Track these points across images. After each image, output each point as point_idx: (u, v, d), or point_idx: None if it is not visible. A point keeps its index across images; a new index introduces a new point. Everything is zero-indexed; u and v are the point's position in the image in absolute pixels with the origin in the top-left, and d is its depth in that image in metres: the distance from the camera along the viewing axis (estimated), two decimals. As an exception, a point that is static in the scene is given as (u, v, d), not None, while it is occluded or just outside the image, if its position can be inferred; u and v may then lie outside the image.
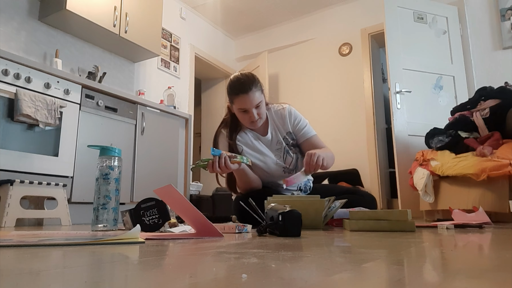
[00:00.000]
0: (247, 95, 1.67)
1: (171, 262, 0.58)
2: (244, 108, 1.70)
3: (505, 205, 2.03)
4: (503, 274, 0.44)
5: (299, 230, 1.06)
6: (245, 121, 1.77)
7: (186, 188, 3.58)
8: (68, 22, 3.06)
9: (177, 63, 4.46)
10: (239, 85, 1.69)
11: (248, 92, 1.67)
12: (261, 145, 1.85)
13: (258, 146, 1.84)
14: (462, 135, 2.49)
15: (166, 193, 1.13)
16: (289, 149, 1.87)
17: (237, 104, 1.71)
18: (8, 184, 2.01)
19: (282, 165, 1.85)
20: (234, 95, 1.70)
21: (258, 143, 1.85)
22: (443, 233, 1.19)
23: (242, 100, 1.68)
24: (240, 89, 1.68)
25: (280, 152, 1.86)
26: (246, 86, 1.67)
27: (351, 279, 0.42)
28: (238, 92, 1.68)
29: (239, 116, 1.77)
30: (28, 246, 0.77)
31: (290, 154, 1.86)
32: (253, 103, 1.69)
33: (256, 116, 1.72)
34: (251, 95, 1.67)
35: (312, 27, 4.80)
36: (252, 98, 1.68)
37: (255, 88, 1.69)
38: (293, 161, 1.87)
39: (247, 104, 1.69)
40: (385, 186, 4.12)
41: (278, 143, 1.86)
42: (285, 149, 1.86)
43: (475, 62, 3.61)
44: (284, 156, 1.86)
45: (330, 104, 4.46)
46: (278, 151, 1.86)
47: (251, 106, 1.69)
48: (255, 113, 1.71)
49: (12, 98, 2.26)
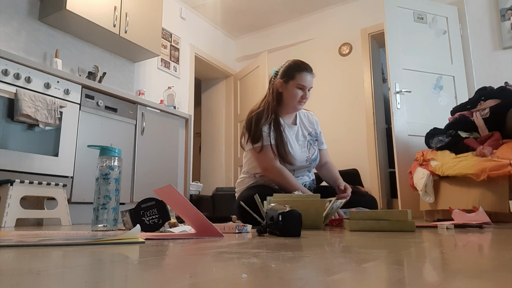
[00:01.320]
0: (310, 74, 1.91)
1: (171, 262, 0.58)
2: (303, 85, 1.89)
3: (505, 205, 2.03)
4: (503, 274, 0.44)
5: (299, 230, 1.06)
6: (296, 98, 1.90)
7: (186, 188, 3.58)
8: (68, 22, 3.06)
9: (177, 63, 4.46)
10: (305, 65, 1.92)
11: (311, 72, 1.92)
12: (290, 134, 1.97)
13: (288, 135, 1.95)
14: (462, 135, 2.49)
15: (166, 193, 1.13)
16: (312, 143, 2.04)
17: (299, 79, 1.89)
18: (8, 184, 2.01)
19: (305, 155, 1.97)
20: (298, 71, 1.89)
21: (287, 130, 1.96)
22: (443, 233, 1.19)
23: (305, 77, 1.89)
24: (306, 68, 1.91)
25: (305, 143, 2.02)
26: (310, 68, 1.93)
27: (351, 279, 0.42)
28: (303, 69, 1.89)
29: (292, 93, 1.90)
30: (28, 246, 0.77)
31: (314, 147, 2.03)
32: (311, 83, 1.92)
33: (306, 98, 1.91)
34: (311, 76, 1.93)
35: (312, 27, 4.80)
36: (311, 80, 1.92)
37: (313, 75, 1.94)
38: (315, 153, 2.02)
39: (307, 81, 1.90)
40: (385, 186, 4.12)
41: (302, 136, 2.03)
42: (309, 142, 2.03)
43: (475, 62, 3.61)
44: (308, 146, 2.02)
45: (330, 104, 4.46)
46: (303, 142, 2.02)
47: (309, 85, 1.91)
48: (307, 94, 1.92)
49: (12, 98, 2.26)
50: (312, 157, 1.99)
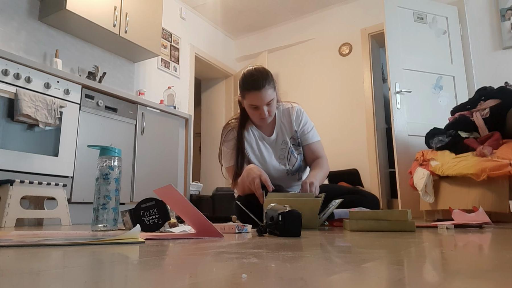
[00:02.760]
0: (259, 92, 1.64)
1: (171, 262, 0.58)
2: (255, 105, 1.68)
3: (505, 205, 2.03)
4: (503, 274, 0.44)
5: (299, 230, 1.06)
6: (254, 117, 1.75)
7: (186, 188, 3.58)
8: (68, 22, 3.06)
9: (177, 63, 4.46)
10: (252, 81, 1.65)
11: (261, 89, 1.64)
12: (265, 146, 1.83)
13: (262, 148, 1.83)
14: (462, 135, 2.49)
15: (166, 193, 1.13)
16: (294, 150, 1.85)
17: (249, 100, 1.69)
18: (8, 184, 2.00)
19: (284, 168, 1.84)
20: (246, 91, 1.68)
21: (263, 143, 1.84)
22: (443, 233, 1.19)
23: (253, 96, 1.66)
24: (253, 85, 1.64)
25: (285, 153, 1.84)
26: (259, 82, 1.64)
27: (351, 279, 0.42)
28: (250, 88, 1.65)
29: (249, 111, 1.75)
30: (28, 246, 0.77)
31: (295, 155, 1.85)
32: (265, 100, 1.66)
33: (266, 113, 1.69)
34: (264, 92, 1.64)
35: (312, 27, 4.80)
36: (264, 96, 1.65)
37: (268, 85, 1.66)
38: (297, 162, 1.86)
39: (258, 101, 1.66)
40: (385, 186, 4.12)
41: (283, 143, 1.85)
42: (290, 149, 1.84)
43: (475, 62, 3.61)
44: (288, 156, 1.85)
45: (330, 104, 4.46)
46: (282, 151, 1.85)
47: (262, 103, 1.66)
48: (266, 110, 1.68)
49: (12, 98, 2.26)
50: (293, 168, 1.85)
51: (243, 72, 1.73)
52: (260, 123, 1.79)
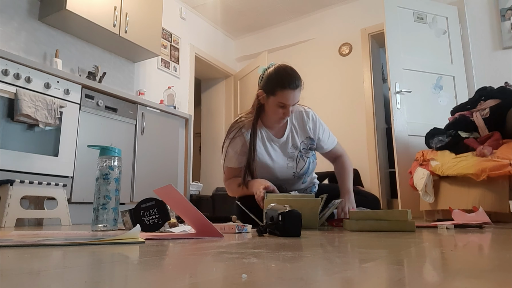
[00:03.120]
0: (293, 91, 1.59)
1: (171, 262, 0.58)
2: (285, 104, 1.61)
3: (505, 205, 2.03)
4: (503, 274, 0.44)
5: (299, 230, 1.06)
6: (276, 116, 1.66)
7: (186, 188, 3.58)
8: (68, 22, 3.06)
9: (177, 63, 4.46)
10: (290, 78, 1.59)
11: (295, 89, 1.59)
12: (273, 148, 1.77)
13: (270, 149, 1.77)
14: (462, 135, 2.49)
15: (166, 193, 1.13)
16: (303, 154, 1.81)
17: (280, 97, 1.60)
18: (8, 184, 2.01)
19: (291, 171, 1.80)
20: (279, 88, 1.59)
21: (271, 145, 1.77)
22: (443, 233, 1.19)
23: (287, 94, 1.58)
24: (290, 83, 1.58)
25: (294, 155, 1.79)
26: (296, 81, 1.60)
27: (351, 279, 0.42)
28: (286, 86, 1.58)
29: (273, 109, 1.65)
30: (28, 246, 0.77)
31: (304, 159, 1.81)
32: (295, 99, 1.62)
33: (289, 113, 1.64)
34: (297, 92, 1.61)
35: (312, 27, 4.80)
36: (296, 96, 1.61)
37: (300, 86, 1.63)
38: (305, 165, 1.82)
39: (289, 100, 1.59)
40: (385, 186, 4.12)
41: (293, 146, 1.79)
42: (300, 154, 1.80)
43: (475, 62, 3.61)
44: (297, 160, 1.80)
45: (330, 104, 4.46)
46: (292, 153, 1.79)
47: (293, 102, 1.61)
48: (290, 109, 1.63)
49: (12, 98, 2.26)
50: (301, 171, 1.81)
51: (276, 67, 1.66)
52: (278, 123, 1.72)
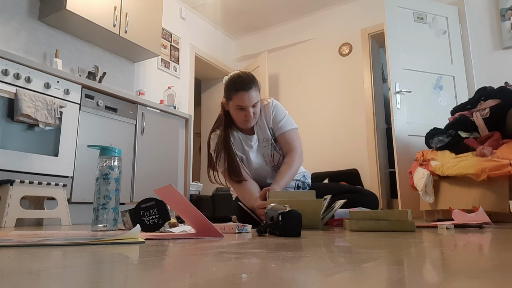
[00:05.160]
0: (246, 93, 1.67)
1: (171, 262, 0.58)
2: (242, 106, 1.70)
3: (505, 205, 2.03)
4: (503, 274, 0.44)
5: (299, 230, 1.06)
6: (239, 119, 1.75)
7: (186, 188, 3.58)
8: (68, 22, 3.06)
9: (177, 63, 4.46)
10: (240, 82, 1.69)
11: (248, 90, 1.67)
12: (249, 147, 1.84)
13: (247, 150, 1.84)
14: (462, 135, 2.49)
15: (166, 193, 1.13)
16: (276, 145, 1.85)
17: (236, 100, 1.70)
18: (8, 184, 2.01)
19: (270, 165, 1.86)
20: (233, 92, 1.70)
21: (247, 145, 1.84)
22: (443, 233, 1.19)
23: (241, 97, 1.68)
24: (241, 86, 1.68)
25: (268, 150, 1.85)
26: (247, 83, 1.68)
27: (351, 279, 0.42)
28: (238, 89, 1.68)
29: (234, 113, 1.75)
30: (28, 246, 0.77)
31: (277, 151, 1.85)
32: (252, 101, 1.69)
33: (251, 115, 1.71)
34: (251, 93, 1.68)
35: (312, 27, 4.80)
36: (251, 96, 1.68)
37: (255, 87, 1.70)
38: (280, 157, 1.86)
39: (245, 101, 1.68)
40: (385, 186, 4.12)
41: (265, 140, 1.85)
42: (272, 145, 1.85)
43: (475, 62, 3.61)
44: (272, 153, 1.85)
45: (330, 104, 4.46)
46: (265, 148, 1.85)
47: (249, 104, 1.69)
48: (251, 111, 1.71)
49: (12, 98, 2.26)
50: (278, 163, 1.85)
51: (230, 75, 1.77)
52: (244, 126, 1.79)
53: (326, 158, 4.23)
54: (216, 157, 1.81)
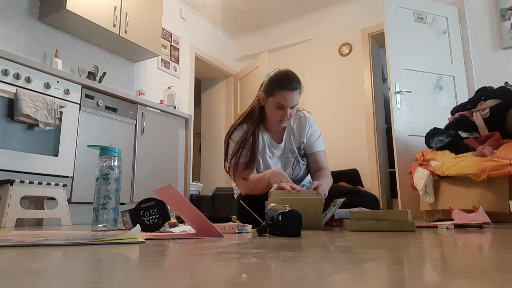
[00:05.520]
0: (291, 93, 1.64)
1: (171, 262, 0.58)
2: (283, 104, 1.66)
3: (505, 205, 2.03)
4: (503, 274, 0.44)
5: (299, 230, 1.06)
6: (275, 117, 1.71)
7: (186, 188, 3.58)
8: (68, 22, 3.06)
9: (177, 63, 4.46)
10: (288, 80, 1.65)
11: (294, 91, 1.65)
12: (271, 152, 1.80)
13: (268, 153, 1.80)
14: (462, 135, 2.49)
15: (166, 193, 1.13)
16: (300, 160, 1.83)
17: (278, 97, 1.66)
18: (8, 184, 2.00)
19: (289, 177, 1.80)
20: (278, 88, 1.65)
21: (270, 150, 1.80)
22: (443, 233, 1.19)
23: (285, 95, 1.64)
24: (288, 84, 1.64)
25: (290, 161, 1.82)
26: (294, 83, 1.65)
27: (351, 279, 0.42)
28: (284, 87, 1.64)
29: (271, 110, 1.70)
30: (28, 246, 0.77)
31: (300, 165, 1.83)
32: (294, 101, 1.67)
33: (288, 116, 1.68)
34: (295, 94, 1.66)
35: (312, 27, 4.80)
36: (295, 98, 1.66)
37: (299, 89, 1.68)
38: (300, 173, 1.84)
39: (287, 101, 1.65)
40: (385, 186, 4.12)
41: (290, 151, 1.82)
42: (297, 159, 1.82)
43: (475, 62, 3.61)
44: (293, 166, 1.83)
45: (330, 104, 4.46)
46: (289, 159, 1.81)
47: (291, 104, 1.66)
48: (289, 112, 1.68)
49: (12, 98, 2.26)
50: (296, 178, 1.84)
51: (276, 71, 1.72)
52: (277, 125, 1.75)
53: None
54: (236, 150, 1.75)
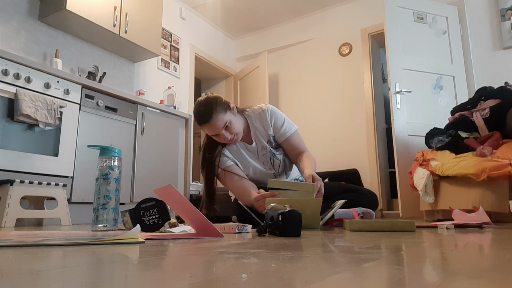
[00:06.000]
0: (209, 124, 1.67)
1: (171, 262, 0.58)
2: (213, 134, 1.72)
3: (505, 205, 2.03)
4: (503, 274, 0.44)
5: (299, 230, 1.06)
6: (220, 141, 1.77)
7: (186, 188, 3.58)
8: (68, 22, 3.06)
9: (177, 63, 4.46)
10: (200, 116, 1.69)
11: (210, 121, 1.66)
12: (248, 154, 1.84)
13: (247, 157, 1.84)
14: (462, 135, 2.49)
15: (166, 193, 1.13)
16: (275, 152, 1.85)
17: (206, 132, 1.74)
18: (8, 184, 2.01)
19: (271, 172, 1.85)
20: (199, 125, 1.72)
21: (246, 152, 1.85)
22: (443, 233, 1.19)
23: (207, 129, 1.70)
24: (202, 120, 1.68)
25: (267, 158, 1.85)
26: (206, 116, 1.66)
27: (351, 279, 0.42)
28: (201, 123, 1.69)
29: (215, 139, 1.77)
30: (28, 246, 0.77)
31: (277, 156, 1.85)
32: (219, 128, 1.68)
33: (229, 136, 1.71)
34: (213, 122, 1.66)
35: (312, 27, 4.80)
36: (216, 125, 1.67)
37: (215, 113, 1.66)
38: (280, 163, 1.86)
39: (213, 131, 1.70)
40: (385, 186, 4.12)
41: (263, 148, 1.84)
42: (271, 152, 1.84)
43: (475, 62, 3.61)
44: (271, 160, 1.85)
45: (330, 104, 4.46)
46: (264, 156, 1.85)
47: (218, 131, 1.69)
48: (226, 134, 1.71)
49: (12, 98, 2.26)
50: (279, 169, 1.87)
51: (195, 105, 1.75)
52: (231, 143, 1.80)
53: (326, 158, 4.23)
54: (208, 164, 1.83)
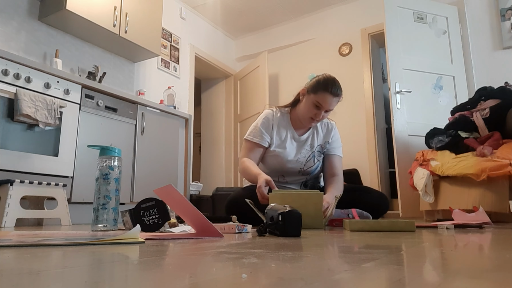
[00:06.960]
0: (333, 97, 1.76)
1: (171, 262, 0.58)
2: (321, 105, 1.76)
3: (505, 205, 2.03)
4: (503, 274, 0.44)
5: (299, 230, 1.06)
6: (308, 114, 1.81)
7: (186, 188, 3.58)
8: (68, 22, 3.06)
9: (177, 63, 4.46)
10: (334, 86, 1.76)
11: (335, 97, 1.76)
12: (291, 143, 1.91)
13: (288, 144, 1.90)
14: (462, 135, 2.49)
15: (166, 193, 1.13)
16: (315, 156, 1.93)
17: (319, 98, 1.76)
18: (8, 184, 2.00)
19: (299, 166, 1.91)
20: (322, 89, 1.76)
21: (291, 141, 1.91)
22: (443, 233, 1.19)
23: (326, 98, 1.75)
24: (332, 89, 1.75)
25: (307, 153, 1.92)
26: (338, 91, 1.77)
27: (351, 279, 0.42)
28: (329, 90, 1.74)
29: (307, 107, 1.81)
30: (28, 246, 0.77)
31: (314, 160, 1.93)
32: (331, 106, 1.78)
33: (321, 116, 1.80)
34: (335, 100, 1.77)
35: (312, 27, 4.80)
36: (333, 103, 1.77)
37: (340, 97, 1.79)
38: (312, 167, 1.93)
39: (327, 103, 1.76)
40: (385, 186, 4.12)
41: (310, 146, 1.94)
42: (313, 153, 1.93)
43: (475, 62, 3.61)
44: (308, 158, 1.92)
45: (330, 104, 4.46)
46: (306, 151, 1.93)
47: (328, 108, 1.77)
48: (324, 114, 1.80)
49: (12, 98, 2.26)
50: (307, 169, 1.93)
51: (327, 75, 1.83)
52: (307, 122, 1.86)
53: (326, 158, 4.22)
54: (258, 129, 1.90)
